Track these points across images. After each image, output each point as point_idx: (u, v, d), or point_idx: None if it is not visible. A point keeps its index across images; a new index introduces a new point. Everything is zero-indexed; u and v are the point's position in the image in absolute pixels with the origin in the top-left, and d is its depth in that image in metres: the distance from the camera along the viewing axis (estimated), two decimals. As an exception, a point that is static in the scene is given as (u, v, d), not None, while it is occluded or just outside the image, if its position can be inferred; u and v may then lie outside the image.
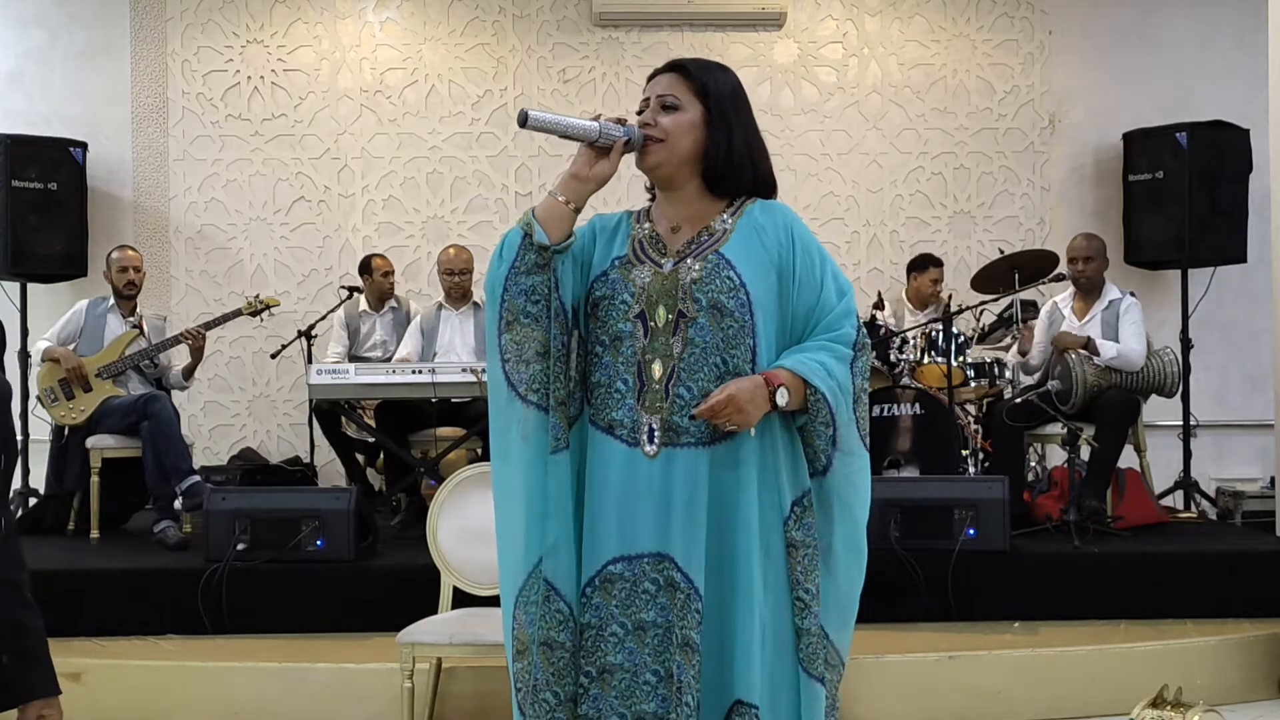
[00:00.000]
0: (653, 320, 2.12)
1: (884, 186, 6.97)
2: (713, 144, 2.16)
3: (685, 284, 2.10)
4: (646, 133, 2.15)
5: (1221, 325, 6.65)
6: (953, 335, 5.56)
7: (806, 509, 2.12)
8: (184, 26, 6.87)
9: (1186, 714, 3.33)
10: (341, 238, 6.89)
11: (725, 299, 2.08)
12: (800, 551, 2.10)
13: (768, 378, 2.05)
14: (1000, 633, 4.29)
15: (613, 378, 2.13)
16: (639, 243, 2.19)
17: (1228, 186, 6.22)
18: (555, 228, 2.10)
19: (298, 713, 3.95)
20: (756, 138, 2.22)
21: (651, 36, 6.92)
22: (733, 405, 2.01)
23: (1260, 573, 4.50)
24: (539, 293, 2.11)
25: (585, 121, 2.11)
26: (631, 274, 2.15)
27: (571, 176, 2.12)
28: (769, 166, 2.24)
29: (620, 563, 2.09)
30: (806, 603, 2.09)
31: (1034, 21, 7.01)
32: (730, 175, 2.18)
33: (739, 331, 2.08)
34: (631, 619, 2.08)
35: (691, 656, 2.03)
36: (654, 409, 2.09)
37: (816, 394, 2.07)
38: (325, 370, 5.18)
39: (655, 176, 2.20)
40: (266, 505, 4.53)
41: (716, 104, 2.17)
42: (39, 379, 5.31)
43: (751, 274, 2.10)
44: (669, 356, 2.10)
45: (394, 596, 4.22)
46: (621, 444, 2.11)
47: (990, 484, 4.56)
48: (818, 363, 2.08)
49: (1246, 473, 6.76)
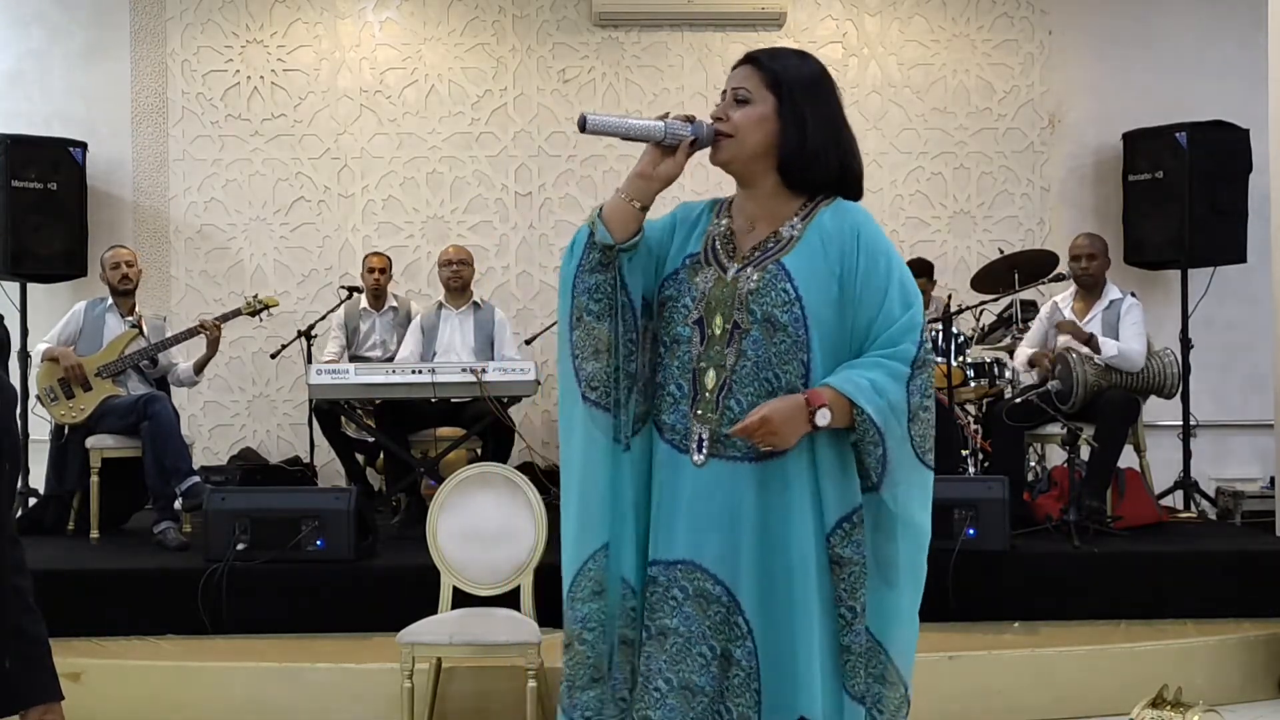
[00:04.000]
0: (710, 328, 2.08)
1: (884, 186, 6.97)
2: (785, 136, 2.09)
3: (742, 294, 2.06)
4: (717, 128, 2.10)
5: (1221, 325, 6.65)
6: (953, 335, 5.56)
7: (856, 525, 2.05)
8: (184, 26, 6.87)
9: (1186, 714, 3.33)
10: (341, 238, 6.89)
11: (779, 313, 2.03)
12: (845, 569, 2.04)
13: (810, 397, 1.99)
14: (1000, 633, 4.30)
15: (668, 380, 2.11)
16: (713, 241, 2.15)
17: (1228, 186, 6.22)
18: (620, 227, 2.08)
19: (298, 713, 3.95)
20: (840, 129, 2.13)
21: (651, 36, 6.91)
22: (767, 427, 1.97)
23: (1260, 573, 4.50)
24: (602, 291, 2.09)
25: (649, 122, 2.08)
26: (697, 277, 2.12)
27: (637, 175, 2.09)
28: (854, 161, 2.15)
29: (657, 566, 2.08)
30: (849, 620, 2.04)
31: (1034, 21, 7.01)
32: (806, 169, 2.10)
33: (792, 347, 2.03)
34: (655, 624, 2.07)
35: (729, 669, 2.02)
36: (705, 419, 2.06)
37: (863, 414, 1.99)
38: (325, 370, 5.17)
39: (730, 172, 2.15)
40: (266, 505, 4.53)
41: (789, 94, 2.09)
42: (38, 378, 5.31)
43: (810, 286, 2.04)
44: (722, 367, 2.06)
45: (394, 596, 4.23)
46: (671, 448, 2.10)
47: (990, 484, 4.56)
48: (868, 380, 2.00)
49: (1246, 473, 6.76)
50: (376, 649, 4.03)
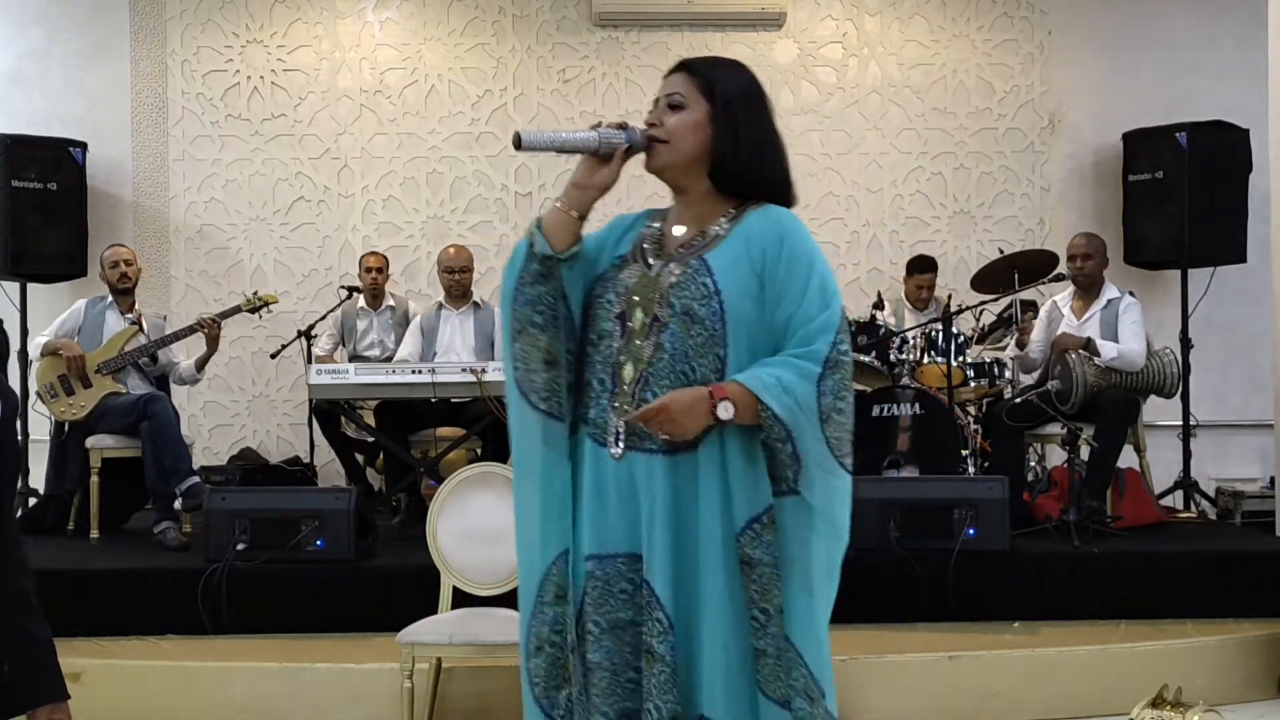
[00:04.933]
0: (631, 321, 2.10)
1: (884, 186, 6.97)
2: (718, 143, 2.11)
3: (663, 288, 2.08)
4: (650, 134, 2.12)
5: (1221, 325, 6.65)
6: (953, 335, 5.56)
7: (766, 526, 2.02)
8: (184, 26, 6.87)
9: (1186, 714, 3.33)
10: (341, 238, 6.89)
11: (697, 306, 2.04)
12: (755, 570, 2.02)
13: (713, 390, 1.99)
14: (1000, 633, 4.29)
15: (592, 375, 2.12)
16: (642, 242, 2.17)
17: (1227, 186, 6.22)
18: (558, 237, 2.08)
19: (298, 713, 3.95)
20: (771, 138, 2.16)
21: (651, 36, 6.92)
22: (665, 415, 1.98)
23: (1260, 573, 4.49)
24: (544, 302, 2.10)
25: (582, 133, 2.08)
26: (621, 274, 2.14)
27: (574, 185, 2.10)
28: (783, 169, 2.17)
29: (592, 560, 2.09)
30: (762, 623, 2.02)
31: (1034, 21, 7.01)
32: (738, 174, 2.12)
33: (709, 340, 2.04)
34: (606, 618, 2.07)
35: (654, 664, 2.02)
36: (622, 411, 2.07)
37: (767, 410, 1.97)
38: (325, 370, 5.18)
39: (663, 179, 2.17)
40: (266, 505, 4.54)
41: (723, 102, 2.11)
42: (38, 374, 5.30)
43: (730, 282, 2.05)
44: (640, 360, 2.07)
45: (394, 596, 4.23)
46: (594, 443, 2.11)
47: (990, 484, 4.56)
48: (774, 378, 1.99)
49: (1246, 473, 6.76)
50: (376, 649, 4.03)
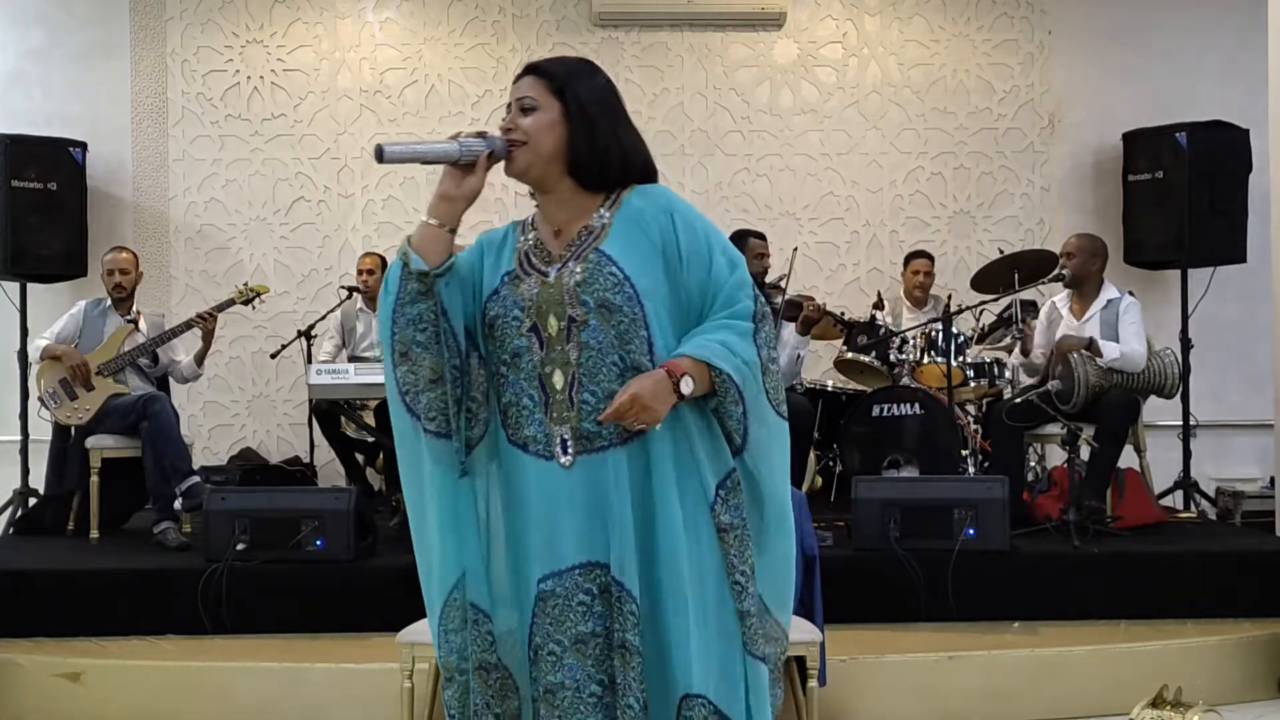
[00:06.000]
0: (546, 331, 2.10)
1: (884, 186, 6.97)
2: (574, 139, 2.13)
3: (570, 288, 2.08)
4: (509, 138, 2.13)
5: (1221, 325, 6.65)
6: (952, 335, 5.56)
7: (733, 490, 2.09)
8: (184, 26, 6.87)
9: (1186, 714, 3.34)
10: (341, 238, 6.89)
11: (612, 295, 2.06)
12: (731, 534, 2.08)
13: (669, 369, 2.02)
14: (1000, 633, 4.29)
15: (519, 395, 2.12)
16: (524, 254, 2.17)
17: (1227, 186, 6.21)
18: (432, 252, 2.09)
19: (298, 713, 3.95)
20: (624, 125, 2.19)
21: (651, 36, 6.91)
22: (637, 404, 2.00)
23: (1260, 573, 4.49)
24: (425, 320, 2.10)
25: (442, 144, 2.09)
26: (520, 288, 2.13)
27: (440, 198, 2.11)
28: (642, 152, 2.20)
29: (550, 579, 2.08)
30: (744, 585, 2.09)
31: (1034, 21, 7.01)
32: (598, 167, 2.14)
33: (631, 325, 2.06)
34: (568, 634, 2.07)
35: (630, 659, 2.03)
36: (562, 419, 2.08)
37: (721, 374, 2.04)
38: (325, 370, 5.17)
39: (526, 181, 2.17)
40: (266, 505, 4.53)
41: (574, 99, 2.13)
42: (38, 379, 5.30)
43: (634, 265, 2.08)
44: (568, 364, 2.08)
45: (394, 596, 4.21)
46: (538, 459, 2.10)
47: (990, 484, 4.56)
48: (718, 342, 2.05)
49: (1246, 473, 6.76)
50: (376, 649, 4.02)
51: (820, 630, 3.45)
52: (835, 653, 3.81)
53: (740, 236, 5.55)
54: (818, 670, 3.34)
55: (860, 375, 6.04)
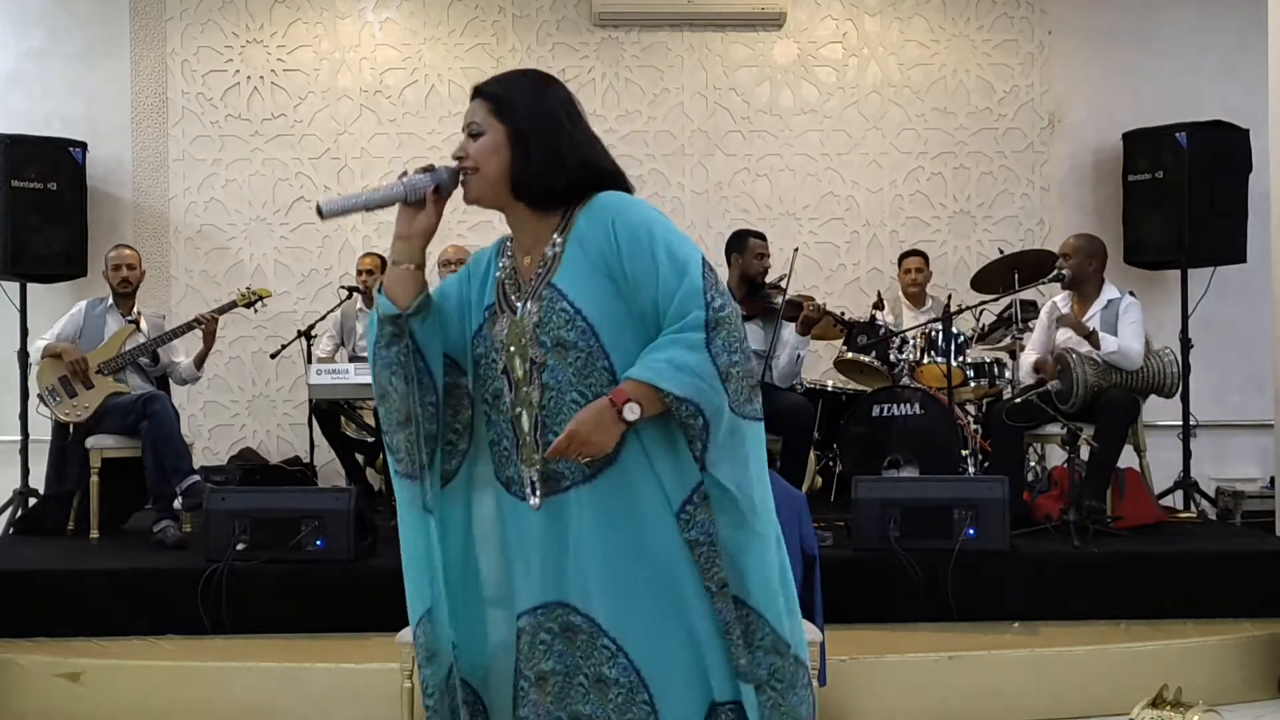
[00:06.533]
0: (514, 373, 2.08)
1: (884, 186, 6.98)
2: (513, 160, 2.08)
3: (529, 329, 2.06)
4: (462, 165, 2.10)
5: (1221, 325, 6.65)
6: (952, 335, 5.56)
7: (699, 505, 2.02)
8: (184, 26, 6.87)
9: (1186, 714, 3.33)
10: (341, 238, 6.89)
11: (565, 333, 2.02)
12: (697, 550, 2.02)
13: (613, 397, 1.97)
14: (1000, 633, 4.29)
15: (501, 436, 2.12)
16: (502, 285, 2.15)
17: (1227, 186, 6.22)
18: (400, 294, 2.08)
19: (298, 713, 3.95)
20: (568, 139, 2.09)
21: (651, 36, 6.91)
22: (576, 440, 1.97)
23: (1260, 573, 4.49)
24: (397, 362, 2.09)
25: (387, 187, 2.08)
26: (495, 327, 2.12)
27: (398, 239, 2.10)
28: (593, 163, 2.11)
29: (525, 616, 2.11)
30: (713, 596, 2.03)
31: (1034, 21, 7.01)
32: (541, 188, 2.08)
33: (588, 358, 2.03)
34: (534, 670, 2.09)
35: (607, 691, 2.02)
36: (530, 461, 2.07)
37: (668, 395, 1.96)
38: (325, 370, 5.18)
39: (484, 206, 2.16)
40: (266, 505, 4.53)
41: (513, 117, 2.09)
42: (38, 377, 5.30)
43: (583, 295, 2.03)
44: (531, 406, 2.06)
45: (394, 596, 4.17)
46: (514, 499, 2.12)
47: (990, 484, 4.56)
48: (664, 361, 1.97)
49: (1246, 473, 6.76)
50: (376, 649, 4.02)
51: (820, 630, 3.45)
52: (835, 653, 3.81)
53: (740, 236, 5.55)
54: (818, 670, 3.34)
55: (860, 375, 6.04)
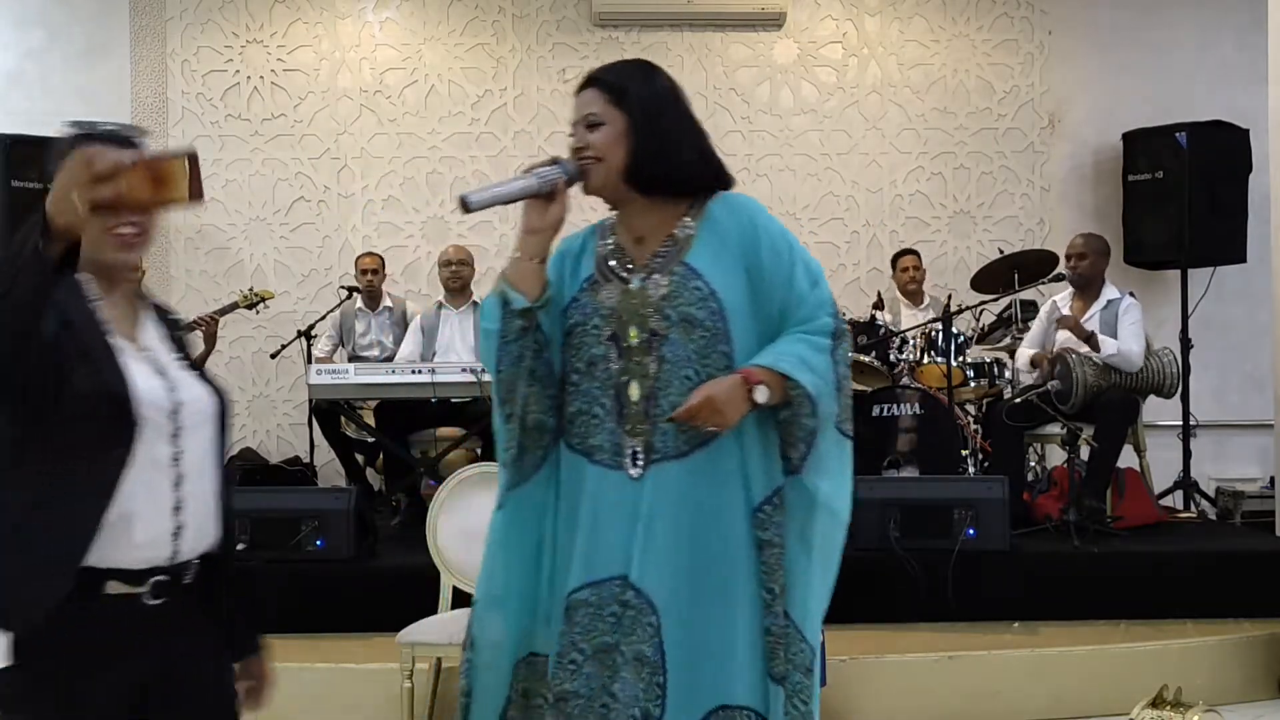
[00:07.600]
0: (626, 341, 2.07)
1: (884, 186, 6.97)
2: (640, 150, 2.07)
3: (655, 300, 2.06)
4: (582, 155, 2.10)
5: (1221, 325, 6.65)
6: (952, 335, 5.56)
7: (777, 507, 2.05)
8: (184, 26, 6.87)
9: (1186, 714, 3.34)
10: (341, 238, 6.89)
11: (695, 310, 2.03)
12: (766, 551, 2.03)
13: (745, 375, 1.99)
14: (1000, 633, 4.29)
15: (591, 404, 2.09)
16: (604, 260, 2.14)
17: (1227, 186, 6.22)
18: (529, 286, 2.06)
19: (298, 713, 3.93)
20: (690, 131, 2.13)
21: (651, 36, 6.91)
22: (710, 406, 1.96)
23: (1260, 573, 4.50)
24: (526, 356, 2.07)
25: (520, 181, 2.07)
26: (600, 295, 2.10)
27: (527, 232, 2.09)
28: (709, 159, 2.14)
29: (587, 589, 2.04)
30: (769, 602, 2.04)
31: (1034, 21, 7.01)
32: (668, 177, 2.10)
33: (711, 341, 2.03)
34: (592, 643, 2.03)
35: (640, 670, 2.00)
36: (637, 431, 2.05)
37: (798, 387, 1.99)
38: (325, 370, 5.18)
39: (603, 197, 2.15)
40: (266, 505, 4.53)
41: (638, 107, 2.09)
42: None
43: (720, 279, 2.05)
44: (645, 377, 2.05)
45: (394, 596, 4.22)
46: (602, 468, 2.07)
47: (990, 484, 4.56)
48: (795, 356, 2.01)
49: (1246, 473, 6.76)
50: (376, 649, 4.02)
51: (820, 630, 3.44)
52: (835, 653, 3.81)
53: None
54: (818, 670, 3.33)
55: (860, 375, 6.03)
